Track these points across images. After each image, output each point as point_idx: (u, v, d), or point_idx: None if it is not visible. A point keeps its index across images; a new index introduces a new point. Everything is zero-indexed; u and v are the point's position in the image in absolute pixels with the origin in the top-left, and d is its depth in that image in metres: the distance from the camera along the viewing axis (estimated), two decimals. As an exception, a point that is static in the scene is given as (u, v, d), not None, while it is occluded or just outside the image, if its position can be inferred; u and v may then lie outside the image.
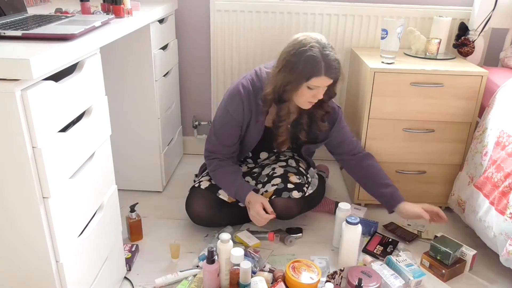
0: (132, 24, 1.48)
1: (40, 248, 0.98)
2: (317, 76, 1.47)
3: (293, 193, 1.67)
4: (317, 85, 1.50)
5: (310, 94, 1.53)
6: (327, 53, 1.47)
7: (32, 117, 0.88)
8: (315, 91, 1.52)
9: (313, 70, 1.46)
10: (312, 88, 1.51)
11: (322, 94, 1.55)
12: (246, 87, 1.62)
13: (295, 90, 1.52)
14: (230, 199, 1.70)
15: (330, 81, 1.51)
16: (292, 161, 1.81)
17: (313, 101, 1.56)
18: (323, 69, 1.46)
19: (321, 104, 1.64)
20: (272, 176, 1.73)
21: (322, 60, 1.46)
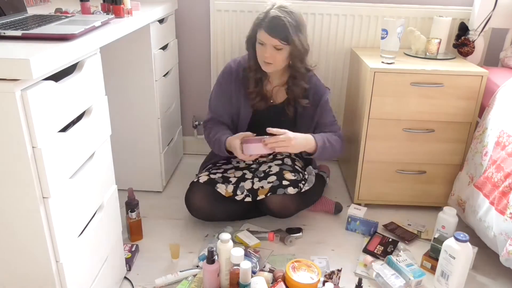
0: (132, 24, 1.48)
1: (40, 248, 0.98)
2: (260, 29, 1.62)
3: (288, 189, 1.68)
4: (261, 39, 1.63)
5: (261, 51, 1.65)
6: (273, 11, 1.62)
7: (32, 117, 0.88)
8: (264, 48, 1.63)
9: (258, 24, 1.64)
10: (260, 43, 1.64)
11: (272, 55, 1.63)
12: (236, 61, 1.80)
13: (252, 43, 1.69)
14: (227, 193, 1.71)
15: (271, 39, 1.60)
16: (288, 159, 1.82)
17: (266, 61, 1.65)
18: (264, 23, 1.61)
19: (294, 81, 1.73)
20: (268, 174, 1.74)
21: (265, 16, 1.62)
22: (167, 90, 2.06)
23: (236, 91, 1.78)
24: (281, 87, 1.79)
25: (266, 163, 1.83)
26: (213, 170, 1.82)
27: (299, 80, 1.74)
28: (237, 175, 1.78)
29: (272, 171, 1.75)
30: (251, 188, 1.73)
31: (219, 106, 1.82)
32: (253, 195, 1.72)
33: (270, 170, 1.76)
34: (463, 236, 1.41)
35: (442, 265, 1.46)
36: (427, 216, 1.92)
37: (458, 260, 1.41)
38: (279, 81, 1.78)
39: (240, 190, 1.72)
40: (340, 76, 2.25)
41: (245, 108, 1.79)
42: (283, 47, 1.62)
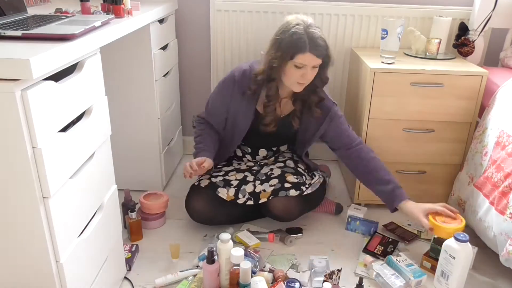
0: (132, 24, 1.48)
1: (40, 248, 0.98)
2: (302, 52, 1.51)
3: (290, 191, 1.67)
4: (303, 62, 1.52)
5: (298, 74, 1.55)
6: (311, 31, 1.52)
7: (32, 117, 0.88)
8: (303, 70, 1.54)
9: (297, 47, 1.51)
10: (299, 66, 1.53)
11: (311, 75, 1.57)
12: (242, 69, 1.69)
13: (281, 68, 1.56)
14: (229, 197, 1.70)
15: (316, 59, 1.53)
16: (291, 162, 1.81)
17: (302, 82, 1.58)
18: (308, 45, 1.50)
19: (315, 90, 1.66)
20: (270, 177, 1.73)
21: (306, 37, 1.51)
22: (167, 90, 2.06)
23: (236, 101, 1.71)
24: (289, 100, 1.74)
25: (268, 165, 1.82)
26: (214, 172, 1.80)
27: (319, 88, 1.68)
28: (238, 177, 1.76)
29: (274, 174, 1.74)
30: (253, 191, 1.71)
31: (214, 110, 1.78)
32: (255, 199, 1.71)
33: (272, 173, 1.75)
34: (463, 236, 1.41)
35: (442, 265, 1.46)
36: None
37: (458, 260, 1.41)
38: (287, 94, 1.71)
39: (242, 194, 1.71)
40: (340, 76, 2.25)
41: (243, 117, 1.73)
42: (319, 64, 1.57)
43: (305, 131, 1.78)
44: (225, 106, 1.74)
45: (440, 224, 1.51)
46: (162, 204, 1.78)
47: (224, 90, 1.73)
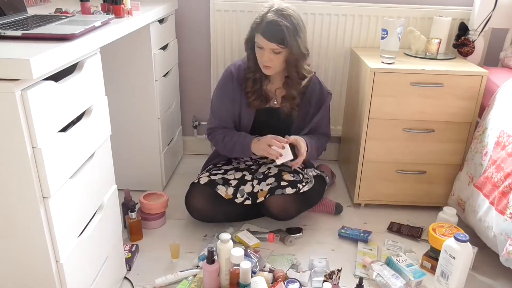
0: (132, 24, 1.48)
1: (40, 248, 0.98)
2: (257, 33, 1.62)
3: (286, 189, 1.67)
4: (259, 43, 1.62)
5: (260, 54, 1.65)
6: (269, 15, 1.60)
7: (32, 117, 0.88)
8: (262, 51, 1.63)
9: (255, 28, 1.64)
10: (259, 47, 1.63)
11: (271, 58, 1.62)
12: (236, 65, 1.78)
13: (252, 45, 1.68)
14: (227, 195, 1.71)
15: (268, 43, 1.59)
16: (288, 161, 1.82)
17: (266, 65, 1.64)
18: (261, 28, 1.60)
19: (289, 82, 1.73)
20: (267, 175, 1.74)
21: (263, 20, 1.60)
22: (167, 90, 2.06)
23: (237, 94, 1.76)
24: (283, 88, 1.78)
25: (265, 164, 1.83)
26: (214, 171, 1.81)
27: (292, 84, 1.73)
28: (237, 176, 1.77)
29: (271, 173, 1.75)
30: (251, 191, 1.72)
31: (222, 110, 1.79)
32: (253, 198, 1.71)
33: (269, 171, 1.76)
34: (463, 236, 1.41)
35: (442, 265, 1.46)
36: (427, 216, 1.92)
37: (458, 260, 1.41)
38: (280, 81, 1.77)
39: (240, 194, 1.72)
40: (340, 76, 2.25)
41: (246, 110, 1.78)
42: (281, 50, 1.62)
43: (302, 118, 1.81)
44: (231, 101, 1.77)
45: (439, 236, 1.52)
46: (162, 204, 1.78)
47: (225, 87, 1.77)
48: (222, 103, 1.79)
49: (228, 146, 1.76)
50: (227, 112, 1.79)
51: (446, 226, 1.59)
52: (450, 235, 1.47)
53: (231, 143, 1.75)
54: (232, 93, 1.76)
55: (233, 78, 1.76)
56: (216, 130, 1.81)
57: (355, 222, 1.89)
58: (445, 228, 1.57)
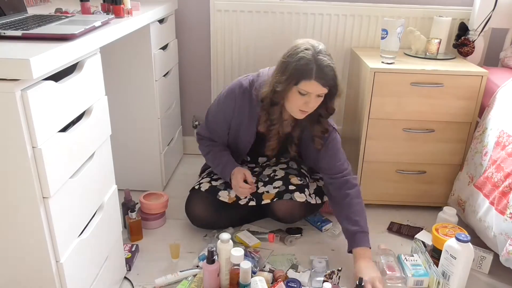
0: (132, 24, 1.48)
1: (40, 248, 0.98)
2: (307, 79, 1.42)
3: (294, 194, 1.66)
4: (308, 90, 1.43)
5: (302, 101, 1.47)
6: (320, 58, 1.42)
7: (32, 117, 0.88)
8: (307, 98, 1.46)
9: (303, 73, 1.42)
10: (303, 93, 1.45)
11: (314, 103, 1.48)
12: (243, 87, 1.61)
13: (285, 93, 1.48)
14: (231, 199, 1.70)
15: (322, 88, 1.44)
16: (294, 163, 1.81)
17: (305, 110, 1.50)
18: (314, 73, 1.41)
19: (319, 120, 1.58)
20: (273, 178, 1.73)
21: (314, 64, 1.41)
22: (167, 90, 2.06)
23: (239, 118, 1.64)
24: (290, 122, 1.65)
25: (270, 166, 1.81)
26: (214, 176, 1.79)
27: (324, 119, 1.59)
28: None
29: (278, 176, 1.73)
30: (256, 192, 1.71)
31: (215, 125, 1.71)
32: (258, 199, 1.70)
33: (275, 174, 1.74)
34: (464, 237, 1.41)
35: (443, 265, 1.46)
36: (427, 216, 1.92)
37: (459, 260, 1.41)
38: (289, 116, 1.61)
39: None
40: (340, 76, 2.21)
41: (248, 130, 1.66)
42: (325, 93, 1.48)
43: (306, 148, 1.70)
44: (227, 123, 1.67)
45: (442, 237, 1.53)
46: (162, 204, 1.78)
47: (225, 106, 1.65)
48: (217, 119, 1.69)
49: (209, 162, 1.75)
50: (219, 129, 1.70)
51: (450, 226, 1.59)
52: (452, 236, 1.47)
53: (212, 163, 1.73)
54: (231, 115, 1.64)
55: (236, 100, 1.61)
56: (204, 140, 1.76)
57: (355, 222, 1.89)
58: (448, 228, 1.57)
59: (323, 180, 1.76)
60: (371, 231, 1.81)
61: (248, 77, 1.64)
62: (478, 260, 1.60)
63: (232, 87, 1.63)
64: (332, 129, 1.64)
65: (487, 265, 1.59)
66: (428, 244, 1.62)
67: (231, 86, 1.64)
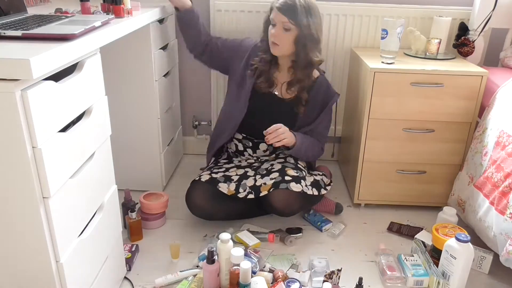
0: (132, 24, 1.48)
1: (40, 248, 0.98)
2: (273, 9, 1.69)
3: (290, 184, 1.66)
4: (273, 18, 1.69)
5: (271, 32, 1.70)
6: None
7: (32, 117, 0.88)
8: (274, 29, 1.69)
9: (272, 5, 1.71)
10: (272, 24, 1.70)
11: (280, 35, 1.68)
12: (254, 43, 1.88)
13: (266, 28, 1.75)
14: (230, 191, 1.71)
15: (282, 16, 1.65)
16: (291, 158, 1.83)
17: (274, 41, 1.70)
18: (277, 2, 1.67)
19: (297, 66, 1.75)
20: (270, 171, 1.74)
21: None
22: (167, 90, 2.06)
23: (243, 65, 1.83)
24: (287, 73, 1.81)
25: (268, 161, 1.83)
26: (215, 169, 1.81)
27: (298, 68, 1.76)
28: (239, 173, 1.78)
29: (275, 168, 1.75)
30: (254, 185, 1.72)
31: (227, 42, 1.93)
32: (256, 192, 1.71)
33: (272, 167, 1.76)
34: (464, 237, 1.41)
35: (443, 265, 1.47)
36: (427, 216, 1.92)
37: (459, 260, 1.41)
38: (288, 74, 1.80)
39: (243, 188, 1.72)
40: (340, 76, 2.25)
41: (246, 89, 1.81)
42: (291, 27, 1.66)
43: (307, 116, 1.82)
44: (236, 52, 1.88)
45: (442, 237, 1.53)
46: (162, 204, 1.78)
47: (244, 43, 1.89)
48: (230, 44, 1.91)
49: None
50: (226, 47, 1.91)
51: (450, 226, 1.59)
52: (452, 236, 1.47)
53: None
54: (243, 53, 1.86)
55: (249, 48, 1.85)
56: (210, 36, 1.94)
57: (355, 222, 1.89)
58: (448, 228, 1.57)
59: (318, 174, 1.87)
60: (371, 231, 1.81)
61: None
62: (478, 260, 1.60)
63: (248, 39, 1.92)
64: (335, 93, 1.86)
65: (487, 265, 1.59)
66: (428, 244, 1.62)
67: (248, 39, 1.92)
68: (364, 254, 1.68)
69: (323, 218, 1.85)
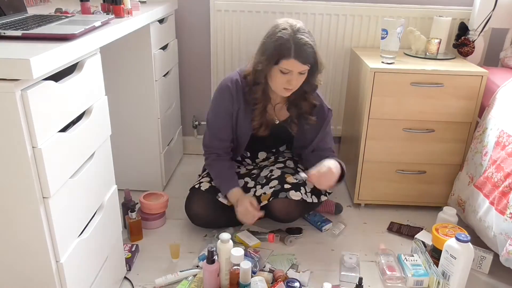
0: (132, 24, 1.48)
1: (40, 248, 0.98)
2: (286, 58, 1.47)
3: (290, 192, 1.66)
4: (288, 68, 1.49)
5: (284, 79, 1.52)
6: (298, 37, 1.47)
7: (32, 117, 0.88)
8: (289, 76, 1.51)
9: (282, 52, 1.47)
10: (284, 72, 1.50)
11: (296, 81, 1.53)
12: (233, 79, 1.65)
13: (267, 72, 1.54)
14: (229, 202, 1.70)
15: (301, 66, 1.49)
16: (291, 162, 1.81)
17: (288, 88, 1.54)
18: (292, 52, 1.46)
19: (305, 96, 1.64)
20: (270, 179, 1.73)
21: (292, 43, 1.47)
22: (167, 90, 2.06)
23: (235, 110, 1.67)
24: (283, 105, 1.71)
25: (267, 167, 1.81)
26: None
27: (309, 94, 1.65)
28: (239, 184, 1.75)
29: (274, 175, 1.73)
30: (253, 195, 1.71)
31: (220, 127, 1.70)
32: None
33: (272, 174, 1.74)
34: (464, 237, 1.41)
35: (443, 265, 1.46)
36: (427, 216, 1.92)
37: (459, 260, 1.41)
38: (280, 99, 1.69)
39: None
40: (340, 76, 2.25)
41: (243, 127, 1.70)
42: (307, 70, 1.53)
43: (303, 136, 1.75)
44: (230, 116, 1.68)
45: (442, 237, 1.53)
46: (162, 204, 1.78)
47: (221, 101, 1.67)
48: (219, 117, 1.69)
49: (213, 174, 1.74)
50: (224, 128, 1.69)
51: (450, 226, 1.59)
52: (452, 236, 1.47)
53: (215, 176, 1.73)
54: (230, 108, 1.66)
55: (231, 92, 1.64)
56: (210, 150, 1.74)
57: (355, 222, 1.89)
58: (448, 228, 1.57)
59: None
60: (371, 231, 1.81)
61: (236, 71, 1.70)
62: (478, 260, 1.60)
63: (223, 83, 1.67)
64: (328, 110, 1.72)
65: (487, 265, 1.59)
66: (428, 244, 1.62)
67: (222, 83, 1.68)
68: (364, 254, 1.68)
69: (323, 218, 1.85)
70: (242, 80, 1.65)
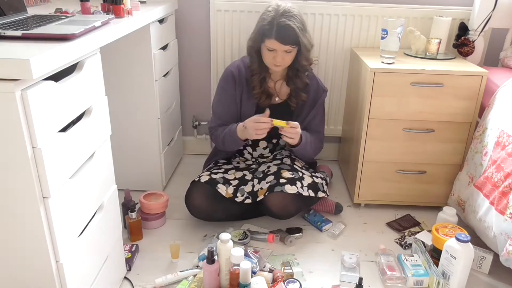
0: (132, 24, 1.48)
1: (40, 248, 0.98)
2: (269, 38, 1.64)
3: (285, 186, 1.66)
4: (271, 47, 1.66)
5: (271, 55, 1.69)
6: (282, 20, 1.63)
7: (32, 117, 0.88)
8: (274, 53, 1.67)
9: (265, 33, 1.66)
10: (269, 49, 1.67)
11: (283, 58, 1.68)
12: (235, 65, 1.83)
13: (257, 48, 1.72)
14: (228, 194, 1.71)
15: (283, 46, 1.64)
16: (288, 159, 1.82)
17: (277, 64, 1.69)
18: (274, 33, 1.63)
19: (298, 74, 1.78)
20: (266, 174, 1.75)
21: (275, 24, 1.63)
22: (167, 90, 2.06)
23: (239, 93, 1.81)
24: (283, 81, 1.83)
25: (265, 163, 1.84)
26: (214, 170, 1.82)
27: (301, 73, 1.78)
28: (238, 176, 1.78)
29: (271, 171, 1.75)
30: (251, 190, 1.73)
31: (224, 110, 1.83)
32: (253, 197, 1.72)
33: (268, 170, 1.77)
34: (464, 237, 1.41)
35: (443, 265, 1.46)
36: (427, 216, 1.92)
37: (459, 260, 1.41)
38: (280, 76, 1.82)
39: (241, 193, 1.73)
40: (340, 76, 2.25)
41: (247, 107, 1.81)
42: (293, 49, 1.68)
43: (298, 115, 1.84)
44: (232, 100, 1.81)
45: (442, 237, 1.53)
46: (162, 204, 1.78)
47: (226, 86, 1.81)
48: (223, 102, 1.83)
49: (222, 140, 1.80)
50: (228, 110, 1.82)
51: (450, 226, 1.59)
52: (452, 236, 1.47)
53: (222, 136, 1.79)
54: (233, 92, 1.80)
55: (234, 77, 1.79)
56: (216, 129, 1.83)
57: (355, 222, 1.89)
58: (448, 228, 1.57)
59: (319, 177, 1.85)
60: (371, 231, 1.81)
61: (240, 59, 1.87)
62: (478, 260, 1.60)
63: (226, 69, 1.84)
64: (323, 90, 1.87)
65: (487, 265, 1.59)
66: (428, 244, 1.62)
67: (226, 69, 1.84)
68: (364, 254, 1.68)
69: (323, 218, 1.85)
70: (245, 65, 1.81)
